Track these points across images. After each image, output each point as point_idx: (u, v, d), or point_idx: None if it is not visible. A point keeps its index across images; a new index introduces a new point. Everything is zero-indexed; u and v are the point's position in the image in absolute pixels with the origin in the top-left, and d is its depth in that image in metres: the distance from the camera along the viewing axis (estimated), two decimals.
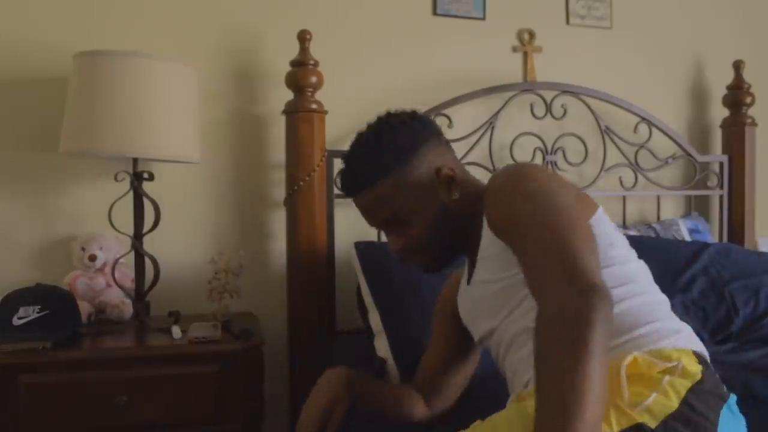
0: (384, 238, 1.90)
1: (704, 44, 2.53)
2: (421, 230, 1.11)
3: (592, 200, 1.06)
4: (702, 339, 1.75)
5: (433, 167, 1.11)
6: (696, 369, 0.90)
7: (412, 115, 1.16)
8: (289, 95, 1.87)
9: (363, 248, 1.81)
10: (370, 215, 1.15)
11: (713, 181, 2.45)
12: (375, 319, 1.66)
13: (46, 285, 1.62)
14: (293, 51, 1.86)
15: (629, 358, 0.88)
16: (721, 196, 2.43)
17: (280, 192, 1.96)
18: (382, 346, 1.60)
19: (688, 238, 2.24)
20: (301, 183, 1.83)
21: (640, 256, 1.10)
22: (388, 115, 1.17)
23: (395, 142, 1.10)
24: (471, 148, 2.11)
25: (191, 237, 1.95)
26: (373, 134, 1.13)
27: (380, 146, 1.10)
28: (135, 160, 1.70)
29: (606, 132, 2.27)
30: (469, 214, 1.10)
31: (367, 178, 1.11)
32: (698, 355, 0.95)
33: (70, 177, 1.86)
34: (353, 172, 1.13)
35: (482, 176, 1.60)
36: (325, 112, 1.88)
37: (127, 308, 1.71)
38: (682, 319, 1.07)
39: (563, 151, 2.24)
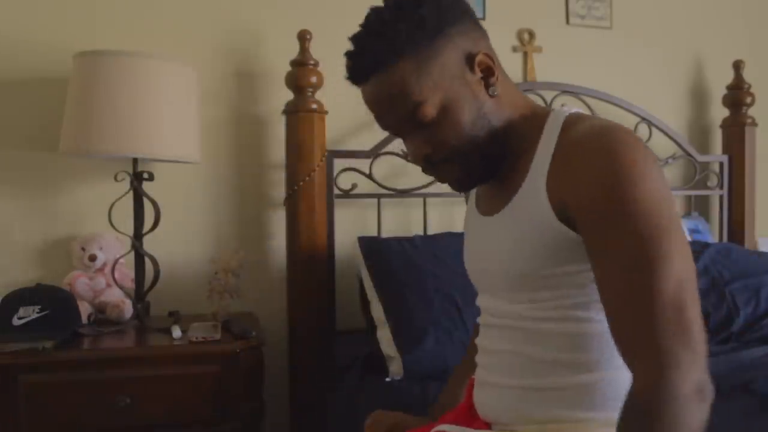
0: (385, 233, 1.92)
1: (704, 44, 2.53)
2: (453, 131, 0.87)
3: None
4: None
5: (464, 52, 0.88)
6: None
7: None
8: (289, 95, 1.87)
9: (366, 242, 1.83)
10: (386, 110, 0.89)
11: (713, 181, 2.45)
12: (377, 311, 1.66)
13: (46, 285, 1.63)
14: (293, 51, 1.86)
15: None
16: (721, 196, 2.43)
17: (280, 192, 1.96)
18: (384, 338, 1.60)
19: (688, 238, 2.24)
20: (301, 183, 1.83)
21: None
22: None
23: (419, 13, 0.86)
24: None
25: (191, 237, 1.95)
26: (392, 6, 0.89)
27: (401, 17, 0.86)
28: (135, 160, 1.70)
29: None
30: (508, 123, 0.91)
31: (385, 55, 0.86)
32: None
33: (70, 177, 1.86)
34: (366, 48, 0.88)
35: None
36: (325, 112, 1.88)
37: (127, 308, 1.70)
38: None
39: None
